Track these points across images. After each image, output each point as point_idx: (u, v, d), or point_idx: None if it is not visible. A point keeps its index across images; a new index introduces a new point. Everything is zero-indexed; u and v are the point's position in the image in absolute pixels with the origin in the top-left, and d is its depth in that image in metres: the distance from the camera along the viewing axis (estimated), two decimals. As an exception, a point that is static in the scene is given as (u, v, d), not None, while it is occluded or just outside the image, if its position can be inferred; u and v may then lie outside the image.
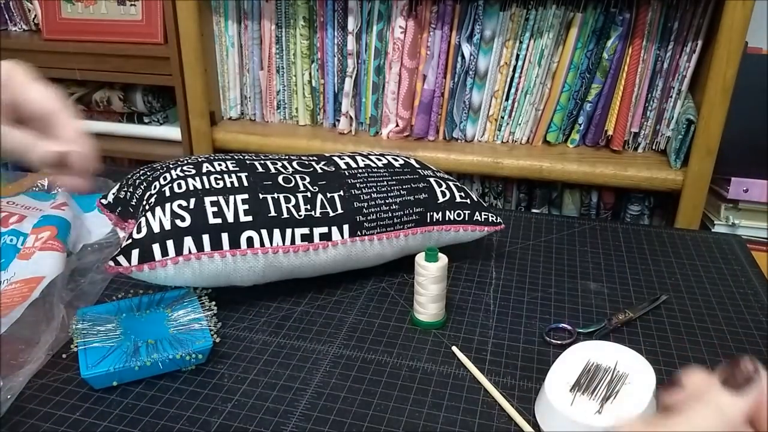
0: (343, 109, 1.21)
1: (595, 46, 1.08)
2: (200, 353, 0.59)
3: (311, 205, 0.67)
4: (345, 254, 0.69)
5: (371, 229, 0.70)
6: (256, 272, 0.66)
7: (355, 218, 0.69)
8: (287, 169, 0.70)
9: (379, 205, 0.70)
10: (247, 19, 1.20)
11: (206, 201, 0.63)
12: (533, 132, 1.16)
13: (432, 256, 0.64)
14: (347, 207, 0.69)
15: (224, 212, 0.63)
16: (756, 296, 0.74)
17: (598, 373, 0.55)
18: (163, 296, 0.66)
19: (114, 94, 1.32)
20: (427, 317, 0.66)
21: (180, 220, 0.62)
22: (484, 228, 0.77)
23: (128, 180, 0.71)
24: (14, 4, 1.40)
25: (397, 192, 0.72)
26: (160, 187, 0.65)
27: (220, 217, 0.63)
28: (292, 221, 0.66)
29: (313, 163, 0.73)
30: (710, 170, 1.04)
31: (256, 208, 0.65)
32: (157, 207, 0.63)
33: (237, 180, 0.66)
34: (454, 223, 0.75)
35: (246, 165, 0.69)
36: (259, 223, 0.64)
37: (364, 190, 0.71)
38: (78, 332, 0.60)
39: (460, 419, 0.54)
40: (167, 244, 0.62)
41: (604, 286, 0.75)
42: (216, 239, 0.63)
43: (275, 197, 0.66)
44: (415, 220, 0.72)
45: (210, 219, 0.63)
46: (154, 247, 0.61)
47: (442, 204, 0.74)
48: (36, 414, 0.54)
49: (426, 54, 1.13)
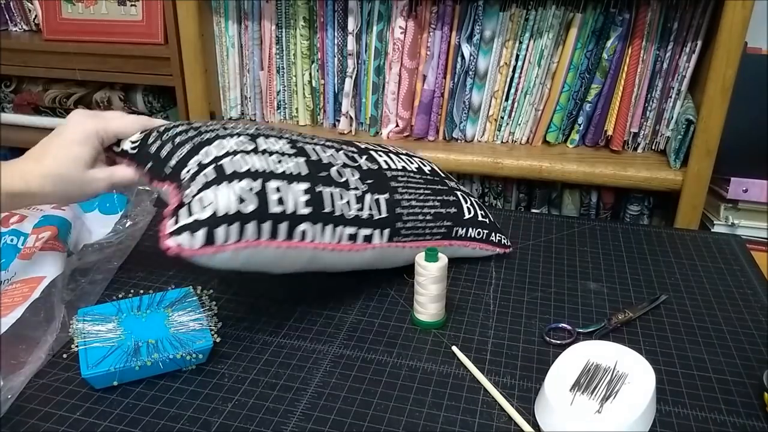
0: (343, 109, 1.21)
1: (595, 46, 1.08)
2: (200, 353, 0.59)
3: (361, 205, 0.65)
4: (377, 256, 0.68)
5: (406, 236, 0.70)
6: (297, 265, 0.64)
7: (395, 224, 0.68)
8: (336, 160, 0.67)
9: (416, 214, 0.71)
10: (248, 20, 1.20)
11: (269, 187, 0.59)
12: (533, 132, 1.16)
13: (432, 256, 0.64)
14: (390, 211, 0.68)
15: (286, 201, 0.60)
16: (755, 296, 0.74)
17: (597, 373, 0.56)
18: (163, 296, 0.66)
19: (114, 94, 1.32)
20: (427, 317, 0.66)
21: (245, 204, 0.57)
22: (496, 249, 0.81)
23: (163, 133, 0.67)
24: (14, 4, 1.40)
25: (432, 203, 0.73)
26: (217, 158, 0.60)
27: (282, 206, 0.60)
28: (342, 220, 0.64)
29: (356, 156, 0.70)
30: (710, 170, 1.04)
31: (315, 202, 0.62)
32: (222, 184, 0.58)
33: (296, 166, 0.63)
34: (473, 241, 0.78)
35: (299, 149, 0.65)
36: (316, 217, 0.62)
37: (405, 196, 0.70)
38: (78, 332, 0.60)
39: (460, 419, 0.54)
40: (231, 229, 0.57)
41: (603, 286, 0.75)
42: (274, 229, 0.59)
43: (332, 192, 0.63)
44: (443, 233, 0.74)
45: (272, 207, 0.59)
46: (217, 231, 0.56)
47: (467, 221, 0.77)
48: (36, 414, 0.54)
49: (426, 54, 1.13)
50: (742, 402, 0.57)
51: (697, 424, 0.54)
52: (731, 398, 0.57)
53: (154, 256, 0.80)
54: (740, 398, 0.57)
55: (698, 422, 0.55)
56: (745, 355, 0.63)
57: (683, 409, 0.56)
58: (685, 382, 0.59)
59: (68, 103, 1.34)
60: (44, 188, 0.63)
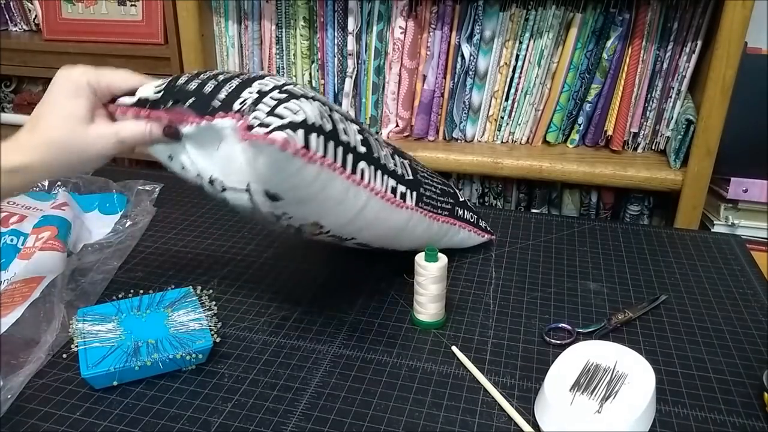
0: (343, 109, 1.21)
1: (595, 46, 1.08)
2: (200, 353, 0.59)
3: (394, 162, 0.64)
4: (405, 222, 0.66)
5: (427, 204, 0.69)
6: (351, 211, 0.59)
7: (419, 188, 0.68)
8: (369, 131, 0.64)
9: (430, 184, 0.71)
10: (248, 20, 1.20)
11: (335, 115, 0.56)
12: (533, 132, 1.16)
13: (432, 256, 0.64)
14: (414, 175, 0.68)
15: (348, 134, 0.56)
16: (755, 296, 0.74)
17: (597, 373, 0.55)
18: (163, 296, 0.66)
19: (114, 94, 1.32)
20: (427, 317, 0.66)
21: (325, 121, 0.54)
22: (485, 235, 0.83)
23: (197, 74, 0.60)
24: (14, 4, 1.40)
25: (436, 179, 0.74)
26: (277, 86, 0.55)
27: (347, 137, 0.56)
28: (386, 169, 0.62)
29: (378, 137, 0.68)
30: (710, 170, 1.04)
31: (366, 144, 0.59)
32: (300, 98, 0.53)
33: (345, 116, 0.59)
34: (469, 224, 0.79)
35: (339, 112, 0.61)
36: (369, 158, 0.59)
37: (420, 169, 0.70)
38: (78, 332, 0.60)
39: (460, 419, 0.54)
40: (320, 140, 0.52)
41: (603, 286, 0.75)
42: (344, 157, 0.55)
43: (375, 140, 0.61)
44: (449, 210, 0.75)
45: (341, 135, 0.55)
46: (311, 137, 0.52)
47: (462, 202, 0.78)
48: (36, 414, 0.54)
49: (426, 54, 1.13)
50: (742, 402, 0.57)
51: (697, 424, 0.54)
52: (731, 398, 0.57)
53: (154, 256, 0.80)
54: (740, 398, 0.57)
55: (698, 422, 0.55)
56: (745, 355, 0.63)
57: (683, 409, 0.56)
58: (685, 382, 0.59)
59: (68, 103, 1.34)
60: (43, 158, 0.56)
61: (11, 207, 0.84)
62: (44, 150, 0.56)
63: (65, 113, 0.57)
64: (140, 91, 0.61)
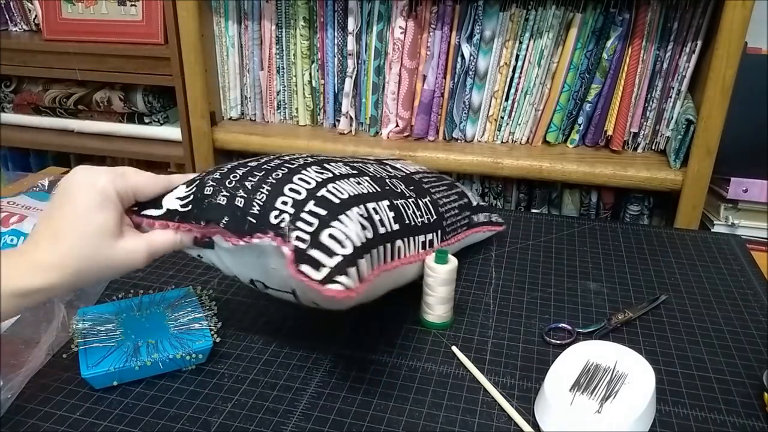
0: (343, 109, 1.21)
1: (595, 46, 1.08)
2: (200, 353, 0.59)
3: (420, 212, 0.65)
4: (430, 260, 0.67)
5: (449, 233, 0.70)
6: (387, 285, 0.60)
7: (443, 224, 0.69)
8: (380, 172, 0.65)
9: (449, 210, 0.72)
10: (248, 20, 1.20)
11: (370, 208, 0.57)
12: (533, 132, 1.16)
13: (442, 258, 0.64)
14: (437, 213, 0.68)
15: (384, 221, 0.58)
16: (755, 296, 0.74)
17: (597, 373, 0.55)
18: (163, 296, 0.66)
19: (114, 94, 1.32)
20: (435, 318, 0.66)
21: (366, 231, 0.54)
22: (498, 228, 0.84)
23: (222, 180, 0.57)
24: (14, 4, 1.40)
25: (453, 197, 0.75)
26: (311, 192, 0.54)
27: (384, 227, 0.57)
28: (416, 229, 0.62)
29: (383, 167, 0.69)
30: (710, 170, 1.04)
31: (398, 217, 0.60)
32: (341, 216, 0.53)
33: (369, 185, 0.60)
34: (483, 225, 0.80)
35: (354, 168, 0.63)
36: (403, 231, 0.60)
37: (437, 195, 0.71)
38: (78, 332, 0.60)
39: (460, 419, 0.54)
40: (366, 258, 0.53)
41: (603, 286, 0.75)
42: (385, 251, 0.57)
43: (402, 204, 0.62)
44: (467, 223, 0.76)
45: (379, 228, 0.56)
46: (361, 264, 0.52)
47: (476, 207, 0.79)
48: (36, 414, 0.54)
49: (426, 54, 1.13)
50: (742, 402, 0.57)
51: (697, 424, 0.54)
52: (731, 398, 0.57)
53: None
54: (740, 398, 0.57)
55: (698, 422, 0.55)
56: (745, 355, 0.63)
57: (683, 409, 0.56)
58: (685, 382, 0.59)
59: (68, 103, 1.34)
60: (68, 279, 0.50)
61: (11, 207, 0.84)
62: (70, 271, 0.50)
63: (93, 229, 0.50)
64: (166, 201, 0.57)
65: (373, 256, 0.54)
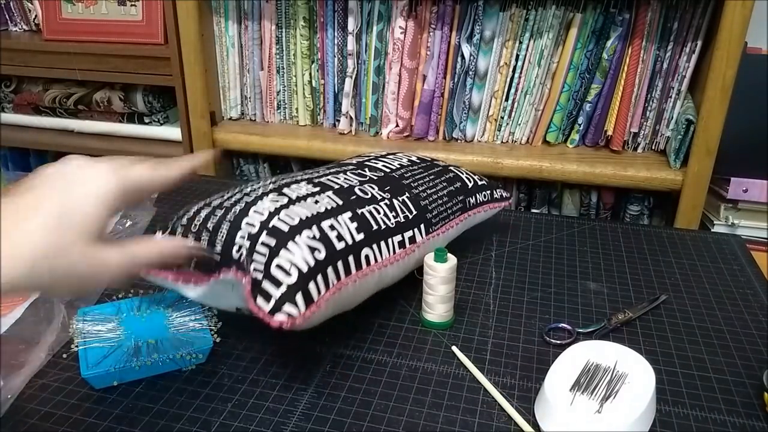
0: (343, 109, 1.21)
1: (595, 46, 1.08)
2: (200, 353, 0.59)
3: (395, 212, 0.66)
4: (423, 252, 0.68)
5: (436, 224, 0.71)
6: (369, 291, 0.63)
7: (426, 216, 0.69)
8: (352, 181, 0.68)
9: (435, 200, 0.72)
10: (248, 20, 1.20)
11: (324, 227, 0.59)
12: (533, 132, 1.16)
13: (441, 256, 0.64)
14: (417, 207, 0.69)
15: (343, 235, 0.59)
16: (755, 296, 0.74)
17: (597, 373, 0.55)
18: (164, 296, 0.66)
19: (114, 94, 1.32)
20: (436, 317, 0.66)
21: (317, 252, 0.56)
22: (502, 204, 0.84)
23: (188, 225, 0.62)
24: (14, 4, 1.40)
25: (441, 185, 0.75)
26: (264, 223, 0.58)
27: (343, 241, 0.59)
28: (389, 231, 0.64)
29: (361, 172, 0.71)
30: (710, 170, 1.04)
31: (363, 225, 0.62)
32: (288, 243, 0.56)
33: (329, 201, 0.63)
34: (483, 204, 0.80)
35: (319, 184, 0.66)
36: (369, 239, 0.62)
37: (420, 188, 0.72)
38: (78, 332, 0.60)
39: (460, 419, 0.54)
40: (318, 281, 0.55)
41: (603, 286, 0.75)
42: (346, 264, 0.58)
43: (369, 210, 0.64)
44: (460, 208, 0.76)
45: (336, 245, 0.58)
46: (310, 288, 0.54)
47: (473, 188, 0.79)
48: (36, 414, 0.54)
49: (426, 54, 1.13)
50: (742, 402, 0.57)
51: (697, 424, 0.54)
52: (731, 398, 0.57)
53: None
54: (740, 398, 0.57)
55: (698, 422, 0.55)
56: (745, 355, 0.63)
57: (683, 409, 0.56)
58: (685, 382, 0.59)
59: (68, 103, 1.34)
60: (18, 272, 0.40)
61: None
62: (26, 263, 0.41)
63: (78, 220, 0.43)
64: None
65: (328, 276, 0.56)
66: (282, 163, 1.31)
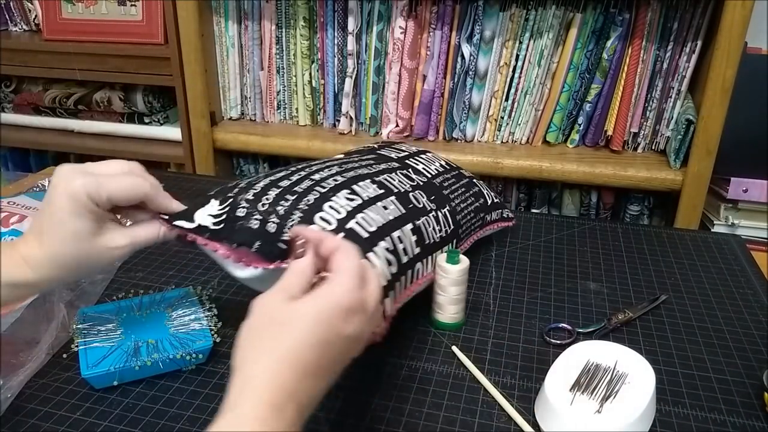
0: (344, 109, 1.21)
1: (595, 46, 1.08)
2: (200, 353, 0.59)
3: (440, 225, 0.66)
4: None
5: (462, 239, 0.72)
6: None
7: (458, 231, 0.70)
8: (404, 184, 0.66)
9: (466, 216, 0.72)
10: (248, 20, 1.20)
11: (394, 238, 0.58)
12: (533, 132, 1.16)
13: (453, 258, 0.64)
14: (454, 223, 0.69)
15: (407, 249, 0.60)
16: (755, 296, 0.74)
17: (597, 373, 0.56)
18: (164, 296, 0.66)
19: (114, 94, 1.32)
20: (447, 318, 0.66)
21: (391, 266, 0.57)
22: (508, 224, 0.84)
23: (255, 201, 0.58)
24: (14, 4, 1.40)
25: (470, 200, 0.75)
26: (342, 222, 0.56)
27: (407, 255, 0.59)
28: (434, 245, 0.65)
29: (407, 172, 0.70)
30: (710, 170, 1.04)
31: (420, 239, 0.62)
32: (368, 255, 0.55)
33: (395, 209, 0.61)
34: (495, 222, 0.81)
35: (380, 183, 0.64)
36: (423, 252, 0.62)
37: (456, 201, 0.72)
38: (78, 332, 0.60)
39: (460, 419, 0.54)
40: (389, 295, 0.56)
41: (603, 286, 0.75)
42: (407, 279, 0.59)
43: (423, 222, 0.63)
44: (479, 225, 0.76)
45: (402, 259, 0.58)
46: (386, 302, 0.54)
47: (491, 206, 0.80)
48: (36, 414, 0.54)
49: (426, 54, 1.13)
50: (742, 402, 0.57)
51: (697, 424, 0.54)
52: (731, 398, 0.57)
53: (154, 256, 0.80)
54: (740, 398, 0.57)
55: (698, 422, 0.55)
56: (745, 355, 0.63)
57: (683, 409, 0.56)
58: (685, 382, 0.59)
59: (68, 103, 1.34)
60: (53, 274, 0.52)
61: (11, 207, 0.84)
62: (54, 267, 0.52)
63: (70, 231, 0.51)
64: (198, 216, 0.58)
65: (396, 290, 0.57)
66: (282, 164, 1.31)
